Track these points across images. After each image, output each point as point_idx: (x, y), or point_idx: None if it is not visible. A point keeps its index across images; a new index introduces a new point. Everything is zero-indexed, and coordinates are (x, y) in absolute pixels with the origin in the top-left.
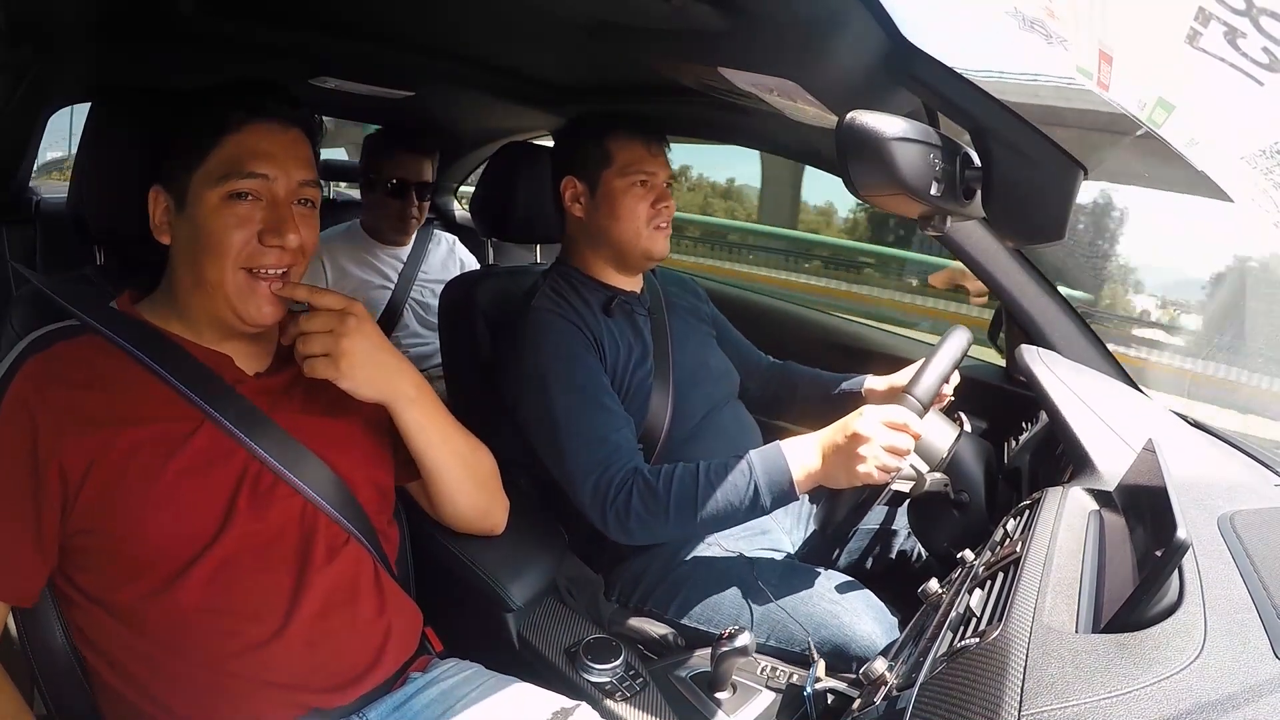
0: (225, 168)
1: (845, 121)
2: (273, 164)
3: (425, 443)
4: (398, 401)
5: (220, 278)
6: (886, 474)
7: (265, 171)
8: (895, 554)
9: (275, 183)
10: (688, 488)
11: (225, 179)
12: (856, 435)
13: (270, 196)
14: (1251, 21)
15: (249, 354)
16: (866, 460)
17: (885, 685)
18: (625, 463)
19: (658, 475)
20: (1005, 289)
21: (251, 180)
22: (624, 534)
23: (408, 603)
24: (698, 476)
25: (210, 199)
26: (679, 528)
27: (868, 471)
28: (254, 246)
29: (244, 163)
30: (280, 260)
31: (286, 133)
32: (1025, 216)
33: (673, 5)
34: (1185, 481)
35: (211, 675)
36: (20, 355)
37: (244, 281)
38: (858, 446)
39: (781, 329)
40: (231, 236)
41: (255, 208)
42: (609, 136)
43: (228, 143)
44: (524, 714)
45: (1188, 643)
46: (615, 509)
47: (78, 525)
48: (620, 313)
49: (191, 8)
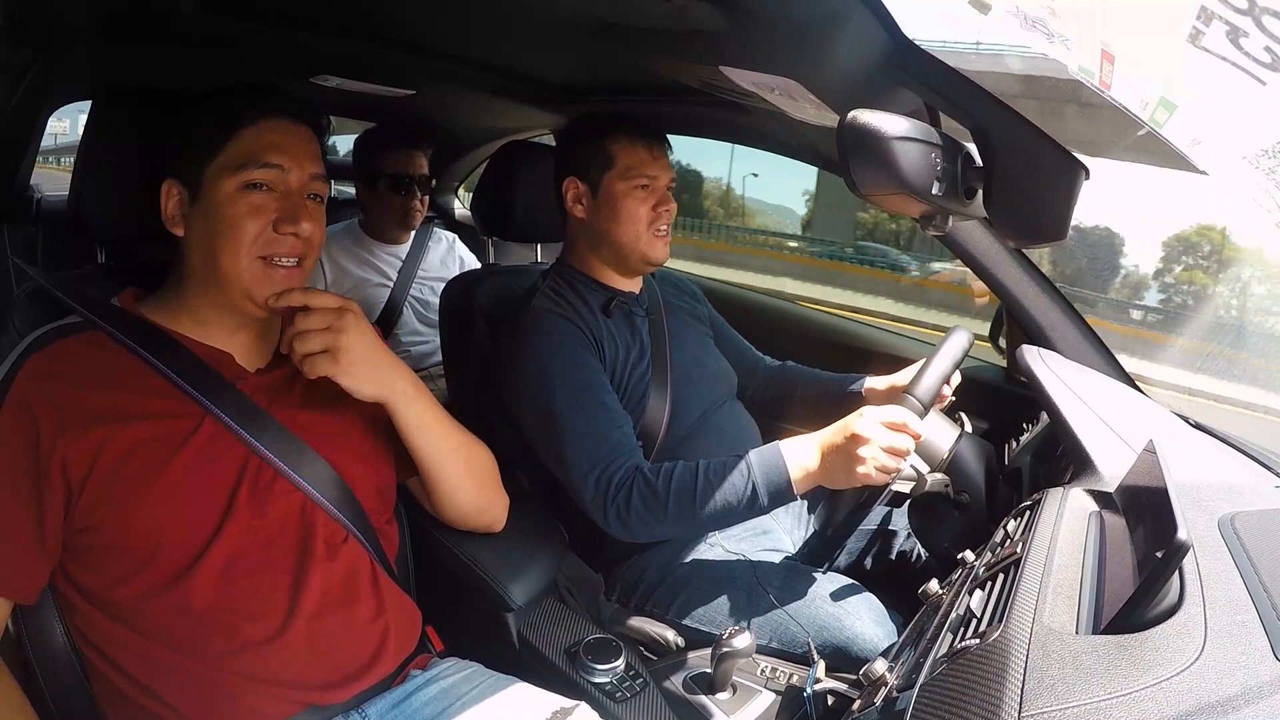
0: (241, 159)
1: (847, 121)
2: (286, 156)
3: (424, 440)
4: (396, 399)
5: (236, 265)
6: (886, 475)
7: (280, 162)
8: (896, 555)
9: (289, 174)
10: (687, 486)
11: (241, 168)
12: (856, 436)
13: (284, 187)
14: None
15: (250, 351)
16: (866, 461)
17: (885, 686)
18: (626, 460)
19: (657, 473)
20: (1005, 289)
21: (267, 170)
22: (624, 531)
23: (407, 602)
24: (697, 475)
25: (226, 188)
26: (678, 525)
27: (866, 472)
28: (269, 234)
29: (259, 154)
30: (294, 249)
31: (298, 129)
32: (1027, 216)
33: (674, 5)
34: (1186, 483)
35: (210, 672)
36: (22, 353)
37: (260, 269)
38: (857, 447)
39: (781, 329)
40: (247, 224)
41: (270, 198)
42: (611, 139)
43: (243, 136)
44: (524, 714)
45: (1188, 644)
46: (616, 506)
47: (80, 522)
48: (619, 313)
49: (191, 8)
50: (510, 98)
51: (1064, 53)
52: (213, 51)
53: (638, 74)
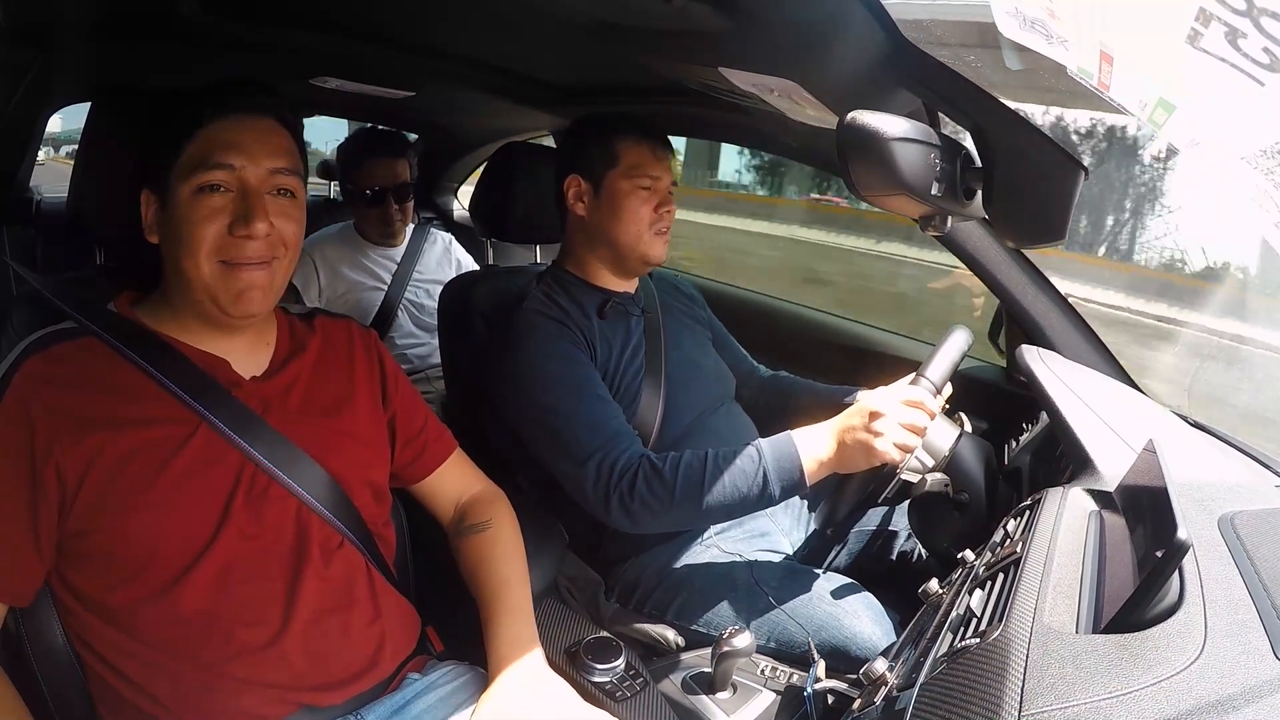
0: (196, 161)
1: (846, 121)
2: (240, 154)
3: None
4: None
5: (196, 271)
6: (904, 452)
7: (231, 161)
8: (895, 554)
9: (244, 171)
10: (695, 473)
11: (194, 172)
12: (874, 412)
13: (240, 186)
14: (1252, 22)
15: (246, 357)
16: (884, 436)
17: (885, 685)
18: (628, 447)
19: (664, 460)
20: (1005, 289)
21: (219, 171)
22: (627, 518)
23: (404, 605)
24: (705, 463)
25: (183, 194)
26: (685, 515)
27: (885, 449)
28: (225, 238)
29: (212, 154)
30: (257, 251)
31: (257, 123)
32: (1026, 217)
33: (673, 5)
34: (1186, 482)
35: (205, 676)
36: (19, 356)
37: (219, 272)
38: (874, 422)
39: (781, 329)
40: (202, 229)
41: (226, 199)
42: (616, 138)
43: (198, 138)
44: None
45: (1188, 643)
46: (620, 493)
47: (75, 527)
48: (613, 314)
49: (191, 8)
50: (509, 99)
51: (1063, 54)
52: (212, 52)
53: (637, 75)
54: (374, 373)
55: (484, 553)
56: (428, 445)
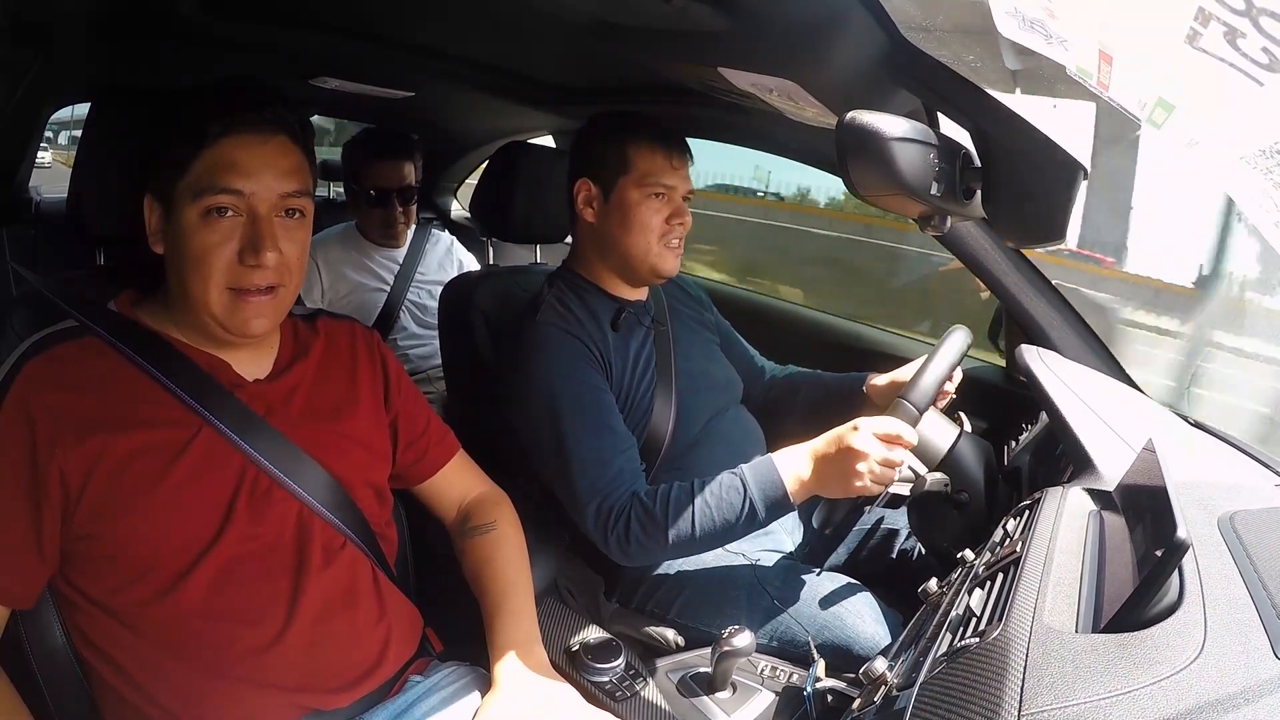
0: (203, 182)
1: (845, 121)
2: (249, 179)
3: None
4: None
5: (206, 297)
6: (881, 485)
7: (240, 187)
8: (895, 554)
9: (253, 197)
10: (684, 509)
11: (201, 194)
12: (851, 450)
13: (250, 211)
14: (1251, 22)
15: (249, 360)
16: (862, 476)
17: (885, 685)
18: (626, 488)
19: (654, 498)
20: (1005, 289)
21: (227, 195)
22: (625, 558)
23: (407, 604)
24: (693, 496)
25: (190, 215)
26: (678, 548)
27: (863, 485)
28: (235, 267)
29: (219, 177)
30: (265, 278)
31: (266, 143)
32: (1025, 217)
33: (673, 5)
34: (1185, 481)
35: (211, 678)
36: (21, 357)
37: (229, 300)
38: (854, 462)
39: (782, 329)
40: (213, 257)
41: (235, 224)
42: (630, 142)
43: (205, 156)
44: None
45: (1188, 643)
46: (616, 534)
47: (78, 530)
48: (626, 325)
49: (191, 8)
50: (509, 99)
51: (1062, 54)
52: (212, 52)
53: (636, 74)
54: (377, 375)
55: (488, 555)
56: (430, 447)
